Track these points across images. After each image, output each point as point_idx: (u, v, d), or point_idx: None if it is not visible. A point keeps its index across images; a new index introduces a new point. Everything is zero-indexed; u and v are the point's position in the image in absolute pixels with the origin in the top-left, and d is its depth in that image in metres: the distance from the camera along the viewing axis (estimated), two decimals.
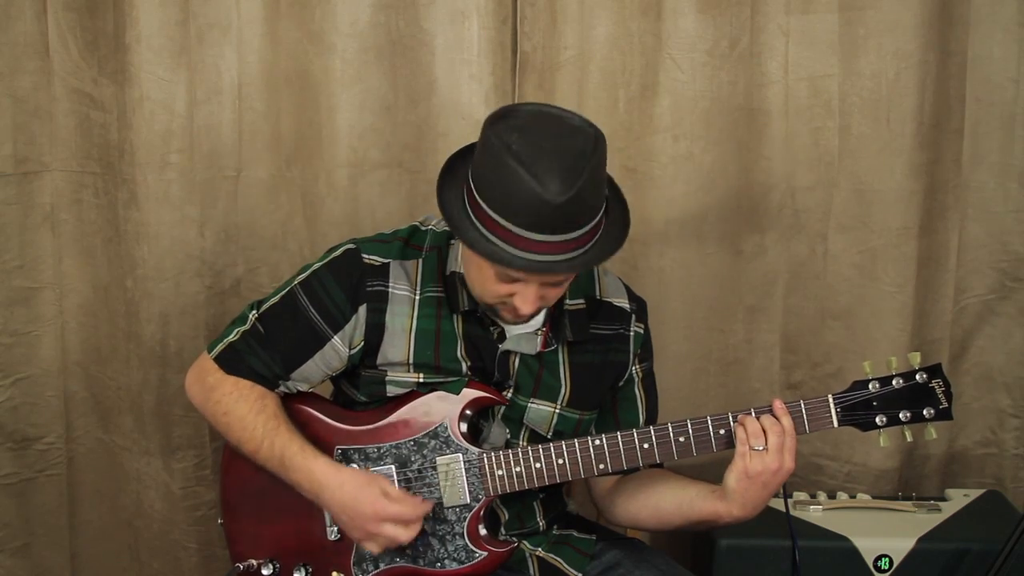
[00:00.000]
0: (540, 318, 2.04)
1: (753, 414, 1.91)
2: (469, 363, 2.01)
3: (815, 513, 2.63)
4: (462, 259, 2.01)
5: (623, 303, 2.14)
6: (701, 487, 1.99)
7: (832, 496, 2.71)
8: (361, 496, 1.92)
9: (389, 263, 2.01)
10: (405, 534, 1.92)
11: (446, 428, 1.98)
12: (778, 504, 2.54)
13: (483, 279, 1.90)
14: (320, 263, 2.05)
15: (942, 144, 2.80)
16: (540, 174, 1.75)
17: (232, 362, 2.04)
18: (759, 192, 2.83)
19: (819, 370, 2.88)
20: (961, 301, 2.90)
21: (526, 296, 1.88)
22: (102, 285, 2.85)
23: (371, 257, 2.01)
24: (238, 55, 2.73)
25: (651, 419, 2.17)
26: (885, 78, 2.75)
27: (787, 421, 1.89)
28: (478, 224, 1.83)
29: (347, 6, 2.73)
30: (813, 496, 2.69)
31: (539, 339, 2.03)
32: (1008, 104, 2.81)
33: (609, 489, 2.13)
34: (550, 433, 2.05)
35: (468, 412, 1.99)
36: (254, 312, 2.06)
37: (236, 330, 2.06)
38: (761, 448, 1.87)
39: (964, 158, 2.83)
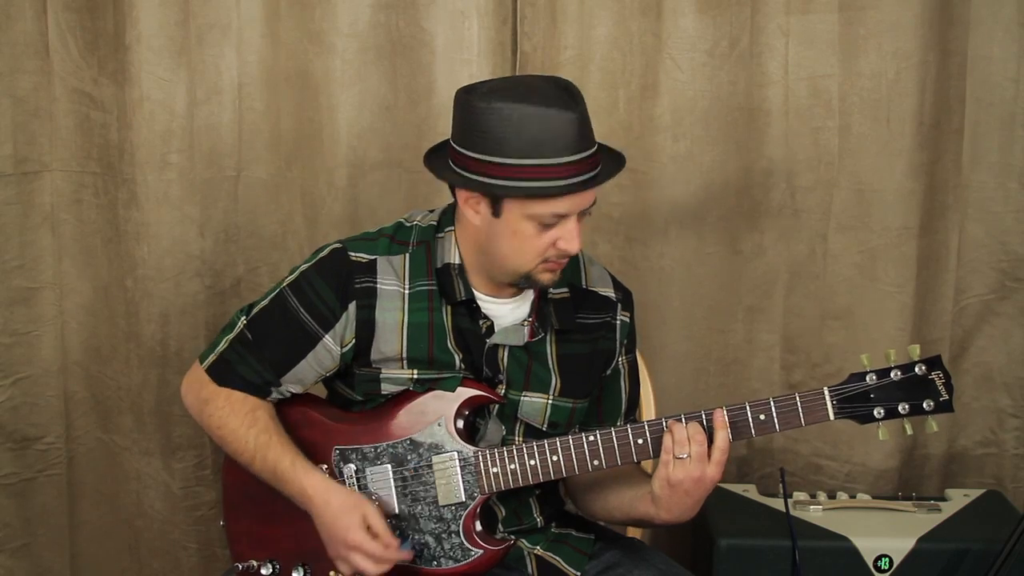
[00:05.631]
0: (526, 309, 2.05)
1: (683, 420, 1.90)
2: (461, 355, 2.01)
3: (815, 513, 2.62)
4: (466, 247, 2.02)
5: (608, 292, 2.15)
6: (640, 488, 1.99)
7: (832, 496, 2.70)
8: (341, 520, 1.93)
9: (376, 259, 2.02)
10: (373, 569, 1.93)
11: (442, 427, 1.98)
12: (778, 504, 2.56)
13: (522, 241, 1.91)
14: (307, 264, 2.05)
15: (942, 144, 2.80)
16: (545, 103, 1.84)
17: (223, 374, 2.05)
18: (759, 192, 2.83)
19: (819, 370, 2.88)
20: (961, 301, 2.89)
21: (571, 232, 1.90)
22: (102, 285, 2.85)
23: (358, 255, 2.02)
24: (238, 55, 2.74)
25: (631, 408, 2.19)
26: (885, 78, 2.75)
27: (722, 435, 1.88)
28: (504, 181, 1.86)
29: (347, 6, 2.73)
30: (813, 496, 2.69)
31: (526, 330, 2.04)
32: (1008, 104, 2.81)
33: (572, 482, 2.16)
34: (545, 425, 2.06)
35: (465, 411, 1.99)
36: (243, 318, 2.07)
37: (225, 338, 2.06)
38: (684, 456, 1.87)
39: (964, 158, 2.83)
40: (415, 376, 2.00)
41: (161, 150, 2.74)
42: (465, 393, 1.98)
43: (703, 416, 1.90)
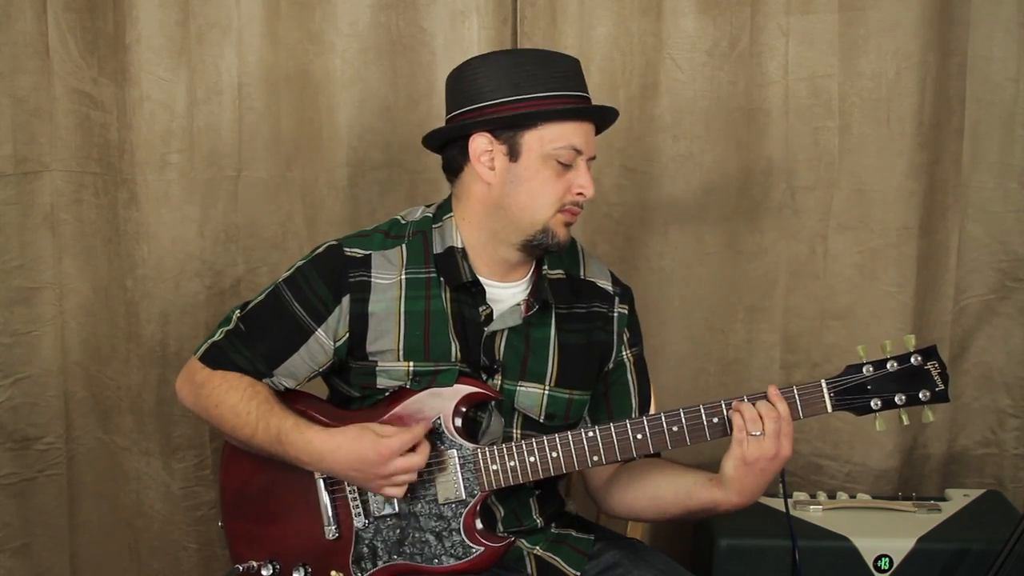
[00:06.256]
0: (523, 289, 2.07)
1: (747, 400, 1.90)
2: (459, 345, 2.01)
3: (815, 513, 2.63)
4: (470, 227, 2.04)
5: (606, 285, 2.16)
6: (698, 475, 1.98)
7: (832, 496, 2.71)
8: (359, 448, 1.92)
9: (371, 254, 2.03)
10: (417, 459, 1.91)
11: (440, 425, 1.98)
12: (778, 504, 2.55)
13: (542, 183, 1.96)
14: (304, 261, 2.07)
15: (942, 144, 2.81)
16: (541, 51, 2.06)
17: (217, 359, 2.05)
18: (759, 192, 2.83)
19: (819, 370, 2.88)
20: (961, 301, 2.90)
21: (584, 175, 1.98)
22: (102, 285, 2.85)
23: (352, 250, 2.03)
24: (238, 55, 2.74)
25: (644, 404, 2.18)
26: (885, 78, 2.76)
27: (782, 407, 1.88)
28: (527, 111, 1.94)
29: (347, 6, 2.74)
30: (813, 496, 2.69)
31: (522, 307, 2.05)
32: (1008, 104, 2.82)
33: (605, 480, 2.13)
34: (542, 416, 2.06)
35: (463, 408, 1.99)
36: (238, 312, 2.08)
37: (220, 330, 2.07)
38: (758, 434, 1.87)
39: (964, 158, 2.84)
40: (411, 368, 2.00)
41: (161, 150, 2.74)
42: (462, 390, 1.98)
43: (745, 398, 1.90)
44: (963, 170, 2.84)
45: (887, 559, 2.51)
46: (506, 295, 2.05)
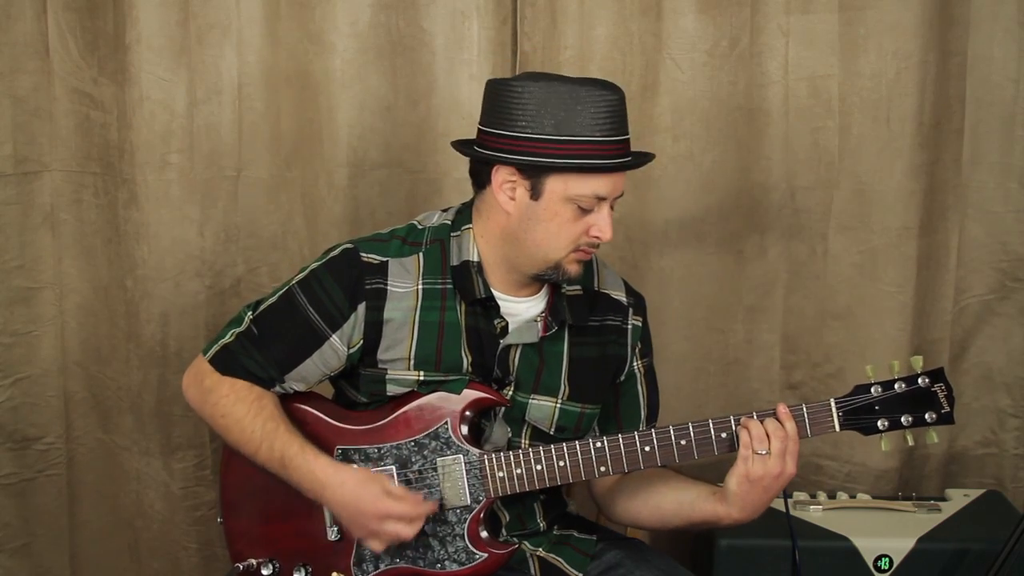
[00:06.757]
0: (540, 305, 2.06)
1: (756, 417, 1.90)
2: (471, 358, 2.00)
3: (815, 513, 2.63)
4: (487, 243, 2.02)
5: (620, 296, 2.15)
6: (702, 488, 1.98)
7: (832, 496, 2.71)
8: (362, 494, 1.92)
9: (388, 261, 2.01)
10: (407, 531, 1.92)
11: (447, 429, 1.97)
12: (778, 504, 2.55)
13: (560, 225, 1.93)
14: (318, 263, 2.05)
15: (942, 144, 2.81)
16: (591, 84, 1.91)
17: (227, 364, 2.04)
18: (759, 192, 2.83)
19: (819, 370, 2.88)
20: (961, 301, 2.90)
21: (605, 219, 1.94)
22: (102, 285, 2.85)
23: (369, 256, 2.01)
24: (238, 55, 2.74)
25: (652, 415, 2.18)
26: (885, 78, 2.76)
27: (791, 425, 1.88)
28: (555, 159, 1.89)
29: (347, 6, 2.73)
30: (813, 496, 2.70)
31: (539, 324, 2.04)
32: (1008, 104, 2.82)
33: (610, 487, 2.13)
34: (552, 429, 2.05)
35: (469, 413, 1.98)
36: (250, 313, 2.06)
37: (231, 331, 2.05)
38: (764, 452, 1.87)
39: (964, 158, 2.84)
40: (421, 378, 2.00)
41: (161, 150, 2.74)
42: (470, 395, 1.98)
43: (754, 415, 1.90)
44: (963, 170, 2.84)
45: (887, 559, 2.51)
46: (521, 309, 2.05)
